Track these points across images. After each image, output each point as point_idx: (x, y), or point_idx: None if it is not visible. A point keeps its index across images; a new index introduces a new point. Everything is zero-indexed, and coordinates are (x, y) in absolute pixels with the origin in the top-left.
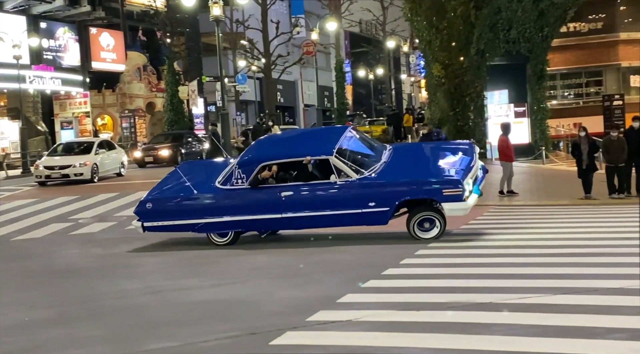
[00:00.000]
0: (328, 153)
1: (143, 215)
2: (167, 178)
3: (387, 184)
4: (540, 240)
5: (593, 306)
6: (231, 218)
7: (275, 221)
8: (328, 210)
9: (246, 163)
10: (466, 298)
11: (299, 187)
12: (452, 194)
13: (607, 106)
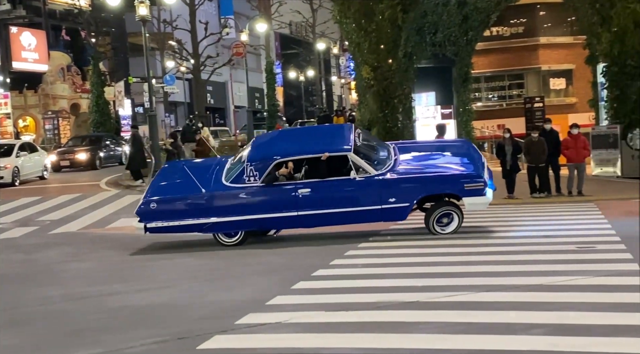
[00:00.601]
0: (346, 149)
1: (146, 215)
2: (160, 178)
3: (408, 180)
4: (465, 238)
5: (515, 303)
6: (243, 217)
7: (291, 219)
8: (347, 207)
9: (259, 160)
10: (394, 298)
11: (317, 184)
12: (473, 188)
13: (528, 108)
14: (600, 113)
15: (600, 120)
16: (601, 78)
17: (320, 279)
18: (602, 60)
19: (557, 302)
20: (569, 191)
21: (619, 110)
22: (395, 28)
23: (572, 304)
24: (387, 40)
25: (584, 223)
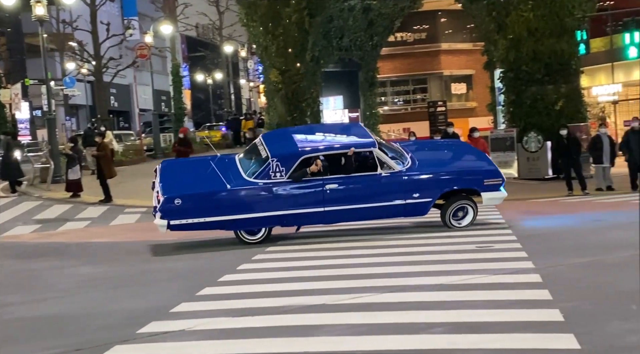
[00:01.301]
0: (371, 145)
1: (170, 212)
2: (168, 175)
3: (432, 175)
4: (371, 240)
5: (418, 303)
6: (269, 213)
7: (317, 215)
8: (373, 202)
9: (286, 156)
10: (301, 301)
11: (344, 179)
12: (492, 184)
13: (431, 112)
14: (498, 117)
15: (498, 124)
16: (498, 83)
17: (226, 284)
18: (499, 66)
19: (457, 301)
20: None
21: (515, 114)
22: (302, 32)
23: (471, 303)
24: (294, 44)
25: (483, 223)
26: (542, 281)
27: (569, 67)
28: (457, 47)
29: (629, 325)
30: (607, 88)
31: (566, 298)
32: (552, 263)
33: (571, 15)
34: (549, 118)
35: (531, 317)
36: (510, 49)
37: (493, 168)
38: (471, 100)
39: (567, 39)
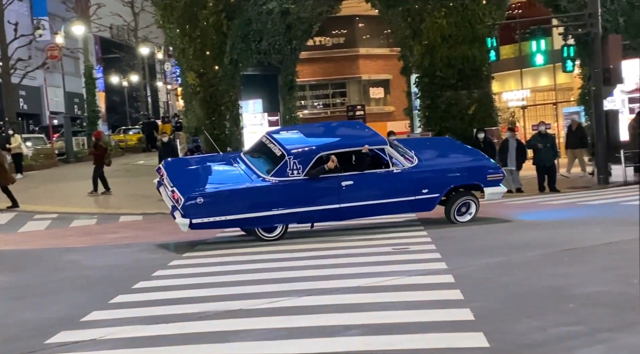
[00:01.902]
0: (383, 142)
1: (193, 211)
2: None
3: (441, 171)
4: (291, 244)
5: (334, 305)
6: (287, 211)
7: (333, 211)
8: (385, 199)
9: (303, 154)
10: (217, 307)
11: (358, 176)
12: (494, 179)
13: (351, 116)
14: (415, 121)
15: (415, 128)
16: (414, 88)
17: (140, 291)
18: (415, 71)
19: (373, 302)
20: None
21: (431, 119)
22: (220, 35)
23: (387, 304)
24: (212, 46)
25: (400, 226)
26: (455, 281)
27: (481, 73)
28: (374, 52)
29: (535, 323)
30: (517, 93)
31: (477, 298)
32: (464, 263)
33: (482, 23)
34: (463, 122)
35: (444, 317)
36: (425, 54)
37: (494, 164)
38: (389, 104)
39: (479, 46)
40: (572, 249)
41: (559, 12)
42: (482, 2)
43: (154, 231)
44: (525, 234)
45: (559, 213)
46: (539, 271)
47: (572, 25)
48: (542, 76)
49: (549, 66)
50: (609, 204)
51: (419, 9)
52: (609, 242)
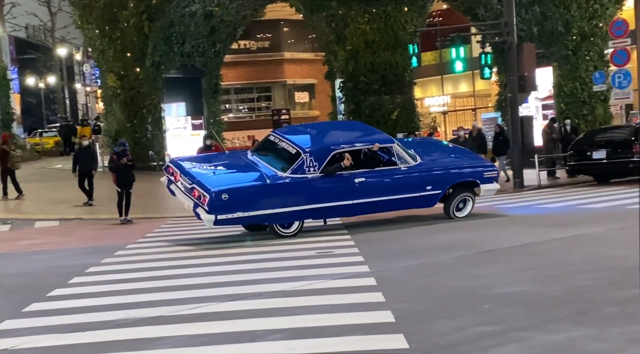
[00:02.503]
0: (391, 141)
1: (218, 207)
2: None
3: (443, 169)
4: (212, 249)
5: (257, 310)
6: (305, 207)
7: (347, 207)
8: (394, 195)
9: (319, 152)
10: (136, 314)
11: (370, 173)
12: (490, 176)
13: (276, 120)
14: None
15: None
16: (339, 93)
17: (56, 299)
18: (339, 76)
19: (296, 307)
20: None
21: None
22: (141, 36)
23: (309, 308)
24: (133, 48)
25: (324, 229)
26: (377, 284)
27: (403, 79)
28: (300, 57)
29: (454, 323)
30: (438, 99)
31: (398, 300)
32: (386, 266)
33: (404, 30)
34: (386, 127)
35: (365, 319)
36: (349, 59)
37: (490, 162)
38: (314, 109)
39: (401, 52)
40: (490, 251)
41: (477, 20)
42: (403, 9)
43: (70, 238)
44: (446, 236)
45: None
46: (459, 272)
47: (489, 34)
48: (462, 82)
49: (468, 73)
50: (525, 207)
51: (343, 14)
52: (525, 243)
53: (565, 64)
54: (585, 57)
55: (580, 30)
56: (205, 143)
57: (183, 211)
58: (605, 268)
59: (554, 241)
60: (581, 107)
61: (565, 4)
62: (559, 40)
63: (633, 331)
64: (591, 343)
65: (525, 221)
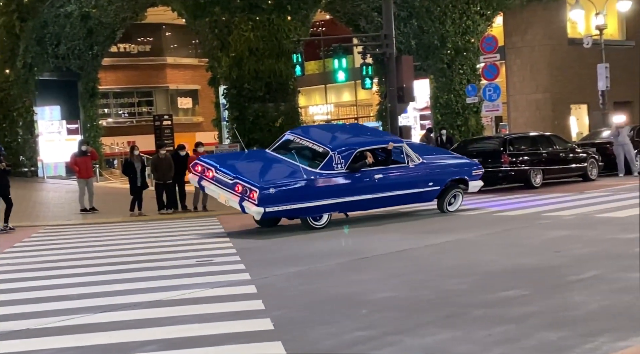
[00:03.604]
0: (401, 141)
1: (266, 200)
2: (238, 167)
3: (442, 167)
4: (86, 258)
5: (132, 321)
6: (335, 200)
7: (368, 201)
8: (405, 190)
9: (345, 150)
10: (2, 327)
11: (386, 170)
12: (477, 174)
13: (157, 125)
14: (223, 133)
15: (223, 139)
16: (223, 99)
17: None
18: (223, 82)
19: (173, 316)
20: (195, 207)
21: (239, 130)
22: (12, 36)
23: (187, 317)
24: (3, 48)
25: (206, 237)
26: (257, 291)
27: (287, 87)
28: (182, 62)
29: (331, 329)
30: (322, 108)
31: (277, 307)
32: (267, 273)
33: (288, 38)
34: (270, 134)
35: (243, 328)
36: (233, 66)
37: (477, 162)
38: (198, 115)
39: (285, 60)
40: (368, 257)
41: (359, 32)
42: (287, 18)
43: None
44: (326, 243)
45: (361, 222)
46: (338, 279)
47: (370, 45)
48: (344, 92)
49: (351, 83)
50: (404, 213)
51: (226, 21)
52: (401, 250)
53: (441, 77)
54: (459, 70)
55: (455, 44)
56: (81, 149)
57: (57, 219)
58: (474, 272)
59: (427, 247)
60: (455, 118)
61: (441, 19)
62: (435, 54)
63: (497, 333)
64: (458, 345)
65: (402, 228)
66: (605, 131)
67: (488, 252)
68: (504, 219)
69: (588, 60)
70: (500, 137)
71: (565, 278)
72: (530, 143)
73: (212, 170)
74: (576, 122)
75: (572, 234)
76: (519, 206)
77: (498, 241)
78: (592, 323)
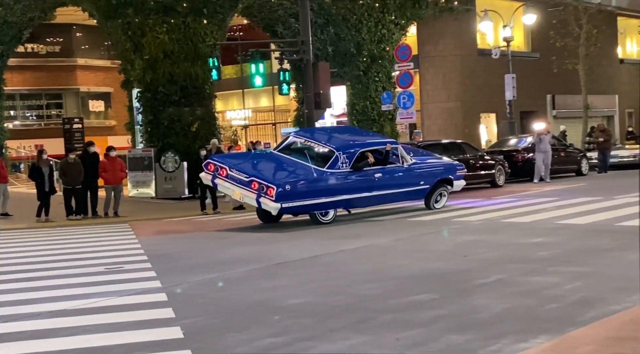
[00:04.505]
0: (396, 143)
1: (283, 197)
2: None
3: (431, 167)
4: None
5: (32, 332)
6: (340, 197)
7: (368, 198)
8: (400, 188)
9: (349, 150)
10: None
11: (384, 170)
12: (460, 174)
13: (67, 129)
14: (137, 137)
15: (137, 143)
16: (136, 103)
17: None
18: (137, 85)
19: (79, 326)
20: (105, 213)
21: (153, 134)
22: None
23: (94, 327)
24: None
25: (117, 244)
26: (168, 299)
27: (204, 91)
28: (94, 64)
29: (243, 336)
30: (239, 112)
31: (188, 315)
32: (178, 281)
33: (204, 42)
34: (186, 139)
35: (153, 337)
36: (147, 69)
37: (460, 163)
38: (110, 118)
39: (201, 64)
40: (282, 263)
41: (276, 37)
42: (203, 21)
43: None
44: (241, 250)
45: (276, 229)
46: (250, 285)
47: (287, 51)
48: (262, 97)
49: (269, 88)
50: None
51: (140, 23)
52: (315, 255)
53: (357, 84)
54: (374, 78)
55: (370, 52)
56: None
57: None
58: (386, 277)
59: (341, 252)
60: (371, 125)
61: (357, 27)
62: (352, 61)
63: (406, 337)
64: (369, 350)
65: (316, 233)
66: (513, 139)
67: (400, 257)
68: (416, 224)
69: (496, 71)
70: (414, 143)
71: (472, 282)
72: (442, 150)
73: (225, 168)
74: (485, 130)
75: (479, 239)
76: (430, 212)
77: (410, 246)
78: (497, 326)
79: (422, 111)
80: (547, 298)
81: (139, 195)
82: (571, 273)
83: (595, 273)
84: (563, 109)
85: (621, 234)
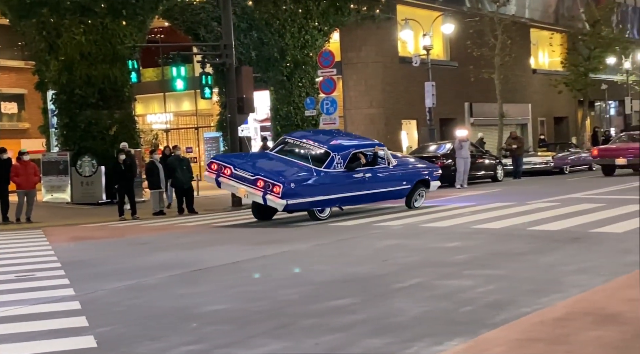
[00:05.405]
0: (383, 145)
1: (289, 194)
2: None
3: (412, 168)
4: None
5: None
6: (337, 195)
7: (359, 197)
8: (386, 188)
9: (344, 151)
10: None
11: (373, 170)
12: (437, 175)
13: None
14: (52, 140)
15: (52, 147)
16: (52, 105)
17: None
18: (52, 87)
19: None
20: (17, 219)
21: (69, 138)
22: None
23: (4, 337)
24: None
25: (29, 251)
26: (81, 307)
27: (122, 94)
28: (6, 64)
29: (158, 344)
30: (160, 116)
31: (102, 323)
32: (93, 288)
33: (123, 44)
34: (104, 142)
35: (65, 346)
36: (63, 71)
37: (437, 165)
38: (24, 121)
39: (120, 66)
40: (202, 269)
41: (198, 40)
42: (122, 23)
43: None
44: (158, 256)
45: (196, 234)
46: (168, 292)
47: (209, 55)
48: (184, 101)
49: (191, 92)
50: (241, 225)
51: (55, 23)
52: (236, 261)
53: (281, 89)
54: (298, 83)
55: (294, 58)
56: None
57: None
58: (307, 282)
59: (262, 258)
60: (295, 130)
61: (280, 32)
62: (275, 66)
63: (325, 342)
64: None
65: (238, 239)
66: (432, 145)
67: (321, 262)
68: (338, 229)
69: (417, 78)
70: None
71: (391, 285)
72: None
73: (229, 168)
74: (406, 136)
75: (399, 243)
76: (351, 217)
77: (331, 251)
78: (414, 329)
79: (345, 117)
80: (462, 301)
81: (54, 200)
82: (485, 276)
83: (508, 277)
84: (480, 117)
85: (533, 238)
